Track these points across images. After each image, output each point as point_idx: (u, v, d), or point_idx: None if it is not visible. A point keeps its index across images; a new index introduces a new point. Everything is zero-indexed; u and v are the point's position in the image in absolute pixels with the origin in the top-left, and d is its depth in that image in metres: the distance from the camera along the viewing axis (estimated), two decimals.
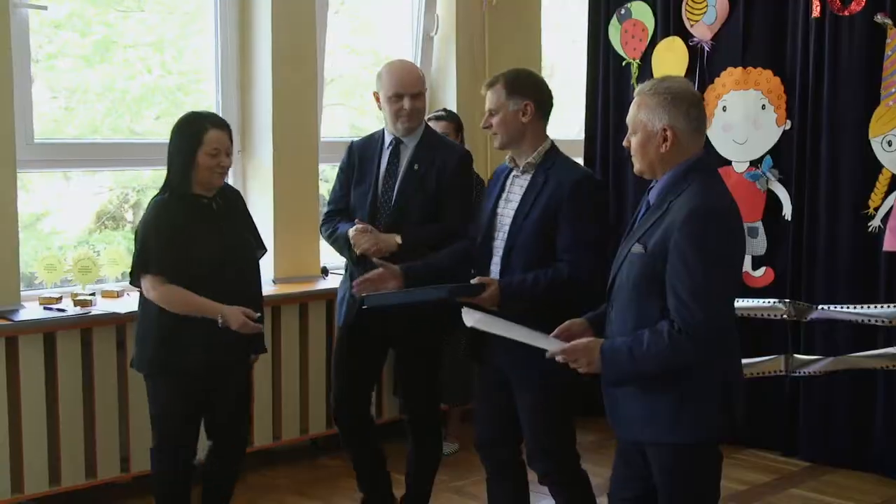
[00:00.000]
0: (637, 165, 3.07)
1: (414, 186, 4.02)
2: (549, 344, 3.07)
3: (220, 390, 3.88)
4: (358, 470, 4.36)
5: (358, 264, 3.99)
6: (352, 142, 4.28)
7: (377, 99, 4.11)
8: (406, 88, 4.00)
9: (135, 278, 3.79)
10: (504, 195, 3.67)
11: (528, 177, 3.62)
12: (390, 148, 4.10)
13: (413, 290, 3.64)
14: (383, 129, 4.17)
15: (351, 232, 3.95)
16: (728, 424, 2.98)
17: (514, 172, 3.68)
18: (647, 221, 2.99)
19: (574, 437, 3.70)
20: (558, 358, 3.00)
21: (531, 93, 3.62)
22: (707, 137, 5.45)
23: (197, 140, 3.73)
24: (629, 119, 3.05)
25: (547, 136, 3.66)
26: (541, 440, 3.61)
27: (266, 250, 4.08)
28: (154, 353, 3.77)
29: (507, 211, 3.63)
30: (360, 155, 4.16)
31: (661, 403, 2.94)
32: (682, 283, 2.84)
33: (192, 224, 3.74)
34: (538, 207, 3.52)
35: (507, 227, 3.61)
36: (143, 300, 3.81)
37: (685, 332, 2.83)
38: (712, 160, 3.08)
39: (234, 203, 3.96)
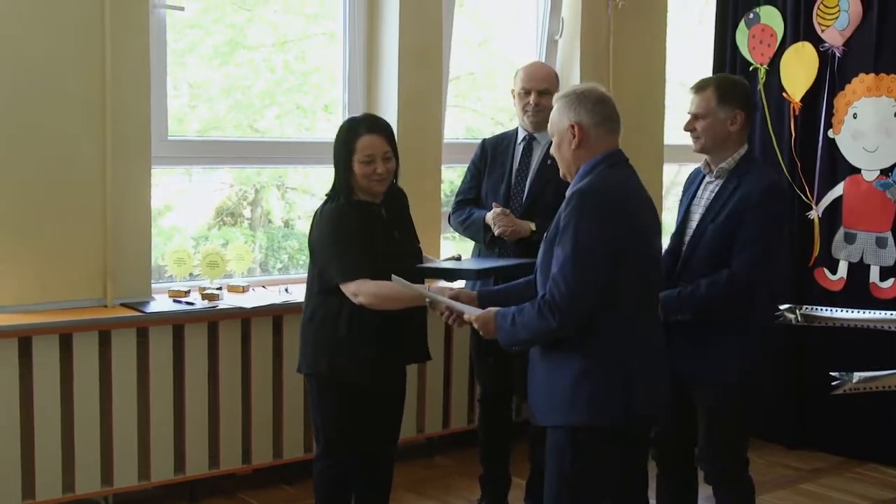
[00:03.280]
0: (561, 170, 3.17)
1: (546, 178, 4.18)
2: (468, 311, 3.24)
3: (382, 400, 3.82)
4: (488, 469, 4.48)
5: (490, 246, 4.22)
6: (484, 139, 4.54)
7: (514, 95, 4.35)
8: (532, 85, 4.25)
9: (327, 286, 3.62)
10: (696, 199, 3.73)
11: (719, 182, 3.67)
12: (523, 144, 4.34)
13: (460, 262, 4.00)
14: (517, 128, 4.40)
15: (489, 215, 4.18)
16: (623, 413, 2.99)
17: (707, 178, 3.72)
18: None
19: (746, 442, 3.75)
20: (475, 325, 3.19)
21: (742, 102, 3.66)
22: (835, 143, 5.43)
23: (351, 147, 3.62)
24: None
25: (745, 143, 3.68)
26: (714, 440, 3.64)
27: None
28: (326, 359, 3.66)
29: (695, 215, 3.70)
30: (493, 149, 4.40)
31: (559, 385, 3.01)
32: (557, 258, 2.97)
33: (368, 230, 3.63)
34: (723, 214, 3.56)
35: (693, 230, 3.67)
36: (322, 304, 3.67)
37: (548, 302, 2.96)
38: (623, 156, 3.14)
39: (400, 208, 3.84)
